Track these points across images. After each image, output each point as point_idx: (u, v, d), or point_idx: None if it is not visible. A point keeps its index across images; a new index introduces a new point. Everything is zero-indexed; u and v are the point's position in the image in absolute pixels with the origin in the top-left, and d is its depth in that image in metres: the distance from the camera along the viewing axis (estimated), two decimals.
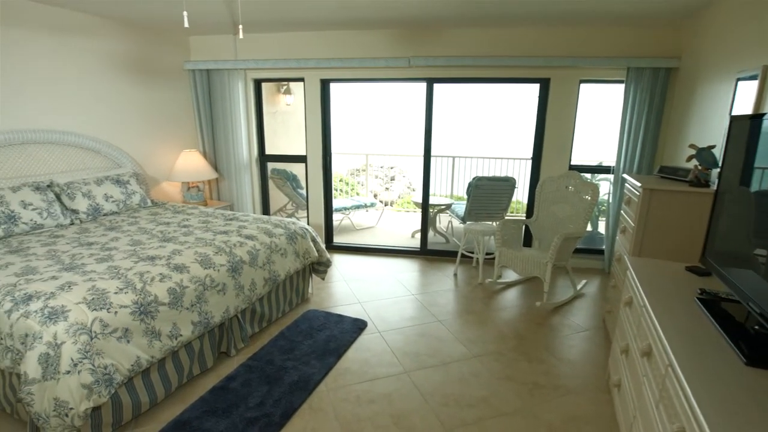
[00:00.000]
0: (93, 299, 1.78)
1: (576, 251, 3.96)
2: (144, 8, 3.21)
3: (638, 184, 2.45)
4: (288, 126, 6.04)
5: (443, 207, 5.04)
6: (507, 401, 2.13)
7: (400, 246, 4.61)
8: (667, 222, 2.36)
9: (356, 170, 8.04)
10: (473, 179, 4.37)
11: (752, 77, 2.16)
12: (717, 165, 2.28)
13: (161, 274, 2.08)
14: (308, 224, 4.16)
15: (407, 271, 3.96)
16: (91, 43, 3.40)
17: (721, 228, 1.64)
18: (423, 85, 4.00)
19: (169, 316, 1.98)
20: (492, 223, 4.18)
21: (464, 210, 4.51)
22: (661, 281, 1.77)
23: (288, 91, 5.96)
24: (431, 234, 4.90)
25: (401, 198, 7.85)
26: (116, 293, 1.85)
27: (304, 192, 4.86)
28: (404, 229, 5.58)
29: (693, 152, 2.41)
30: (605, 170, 3.90)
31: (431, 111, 4.02)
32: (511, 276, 3.86)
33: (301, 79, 4.22)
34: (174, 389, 2.10)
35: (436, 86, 3.99)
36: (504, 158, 6.18)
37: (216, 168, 4.45)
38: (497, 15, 3.28)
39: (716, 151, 2.35)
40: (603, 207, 4.77)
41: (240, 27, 2.64)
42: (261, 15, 3.40)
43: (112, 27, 3.55)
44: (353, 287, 3.56)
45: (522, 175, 5.91)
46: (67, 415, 1.55)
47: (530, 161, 4.03)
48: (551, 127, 3.82)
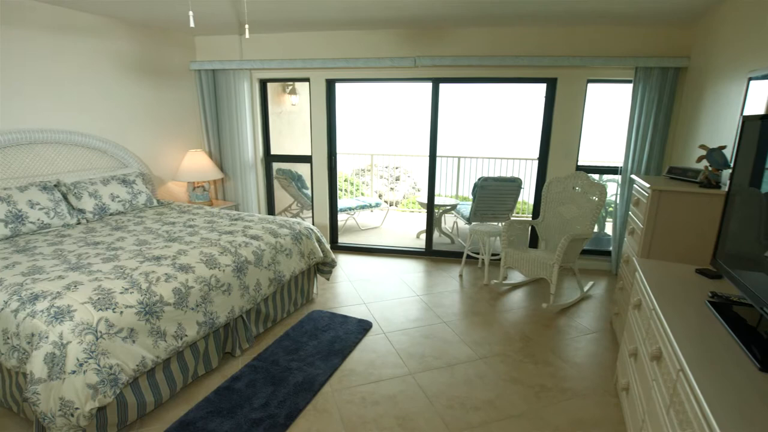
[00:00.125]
0: (99, 299, 1.78)
1: (582, 252, 3.93)
2: (150, 8, 3.22)
3: (647, 185, 2.42)
4: (293, 126, 6.04)
5: (448, 207, 5.02)
6: (513, 404, 2.11)
7: (405, 246, 4.60)
8: (677, 223, 2.33)
9: (361, 170, 8.03)
10: (479, 179, 4.36)
11: (765, 77, 2.13)
12: (728, 166, 2.25)
13: (166, 274, 2.08)
14: (313, 224, 4.16)
15: (412, 272, 3.95)
16: (98, 44, 3.42)
17: (733, 230, 1.61)
18: (428, 85, 3.98)
19: (175, 317, 1.98)
20: (498, 224, 4.16)
21: (470, 210, 4.49)
22: (671, 284, 1.74)
23: (293, 91, 5.97)
24: (436, 235, 4.88)
25: (406, 198, 7.83)
26: (122, 293, 1.86)
27: (309, 192, 4.86)
28: (409, 230, 5.56)
29: (703, 153, 2.38)
30: (613, 171, 3.86)
31: (437, 111, 4.00)
32: (517, 277, 3.83)
33: (307, 80, 4.22)
34: (179, 389, 2.10)
35: (442, 86, 3.97)
36: (510, 158, 6.14)
37: (221, 168, 4.46)
38: (503, 14, 3.25)
39: (726, 152, 2.32)
40: (610, 208, 4.73)
41: (246, 26, 2.64)
42: (267, 15, 3.40)
43: (119, 27, 3.57)
44: (358, 288, 3.55)
45: (528, 176, 5.88)
46: (73, 415, 1.55)
47: (536, 161, 4.01)
48: (558, 127, 3.79)
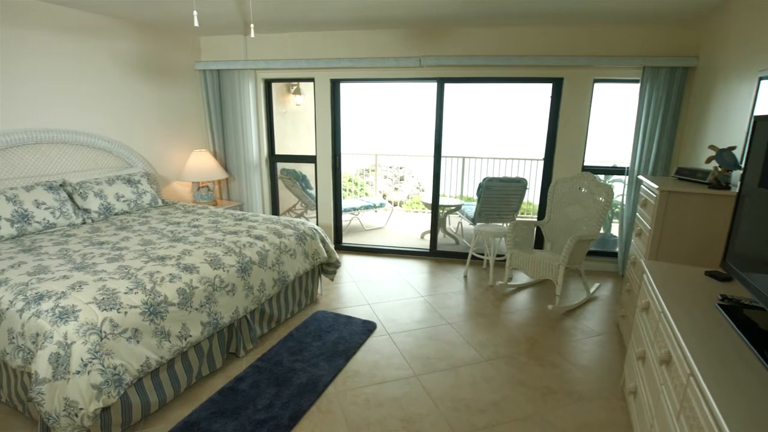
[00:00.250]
0: (103, 299, 1.78)
1: (588, 254, 3.89)
2: (156, 9, 3.23)
3: (655, 186, 2.39)
4: (298, 126, 6.05)
5: (453, 208, 5.00)
6: (519, 406, 2.09)
7: (410, 247, 4.58)
8: (685, 225, 2.30)
9: (365, 170, 8.03)
10: (484, 180, 4.33)
11: None
12: (738, 166, 2.22)
13: (171, 275, 2.07)
14: (317, 225, 4.15)
15: (417, 273, 3.93)
16: (103, 44, 3.43)
17: (744, 231, 1.59)
18: (433, 85, 3.97)
19: (179, 317, 1.98)
20: (503, 225, 4.13)
21: (474, 211, 4.47)
22: (680, 286, 1.71)
23: (298, 92, 5.97)
24: (441, 235, 4.86)
25: (410, 198, 7.81)
26: (126, 293, 1.86)
27: (314, 192, 4.85)
28: (413, 230, 5.54)
29: (712, 153, 2.35)
30: (619, 171, 3.83)
31: (442, 111, 3.98)
32: (522, 278, 3.81)
33: (311, 79, 4.21)
34: (183, 390, 2.10)
35: (447, 86, 3.95)
36: (515, 159, 6.10)
37: (226, 168, 4.47)
38: (509, 14, 3.23)
39: (736, 153, 2.29)
40: (616, 209, 4.69)
41: (251, 26, 2.64)
42: (271, 15, 3.40)
43: (124, 27, 3.57)
44: (362, 288, 3.53)
45: (533, 176, 5.85)
46: (77, 415, 1.55)
47: (542, 162, 3.98)
48: (564, 128, 3.76)
